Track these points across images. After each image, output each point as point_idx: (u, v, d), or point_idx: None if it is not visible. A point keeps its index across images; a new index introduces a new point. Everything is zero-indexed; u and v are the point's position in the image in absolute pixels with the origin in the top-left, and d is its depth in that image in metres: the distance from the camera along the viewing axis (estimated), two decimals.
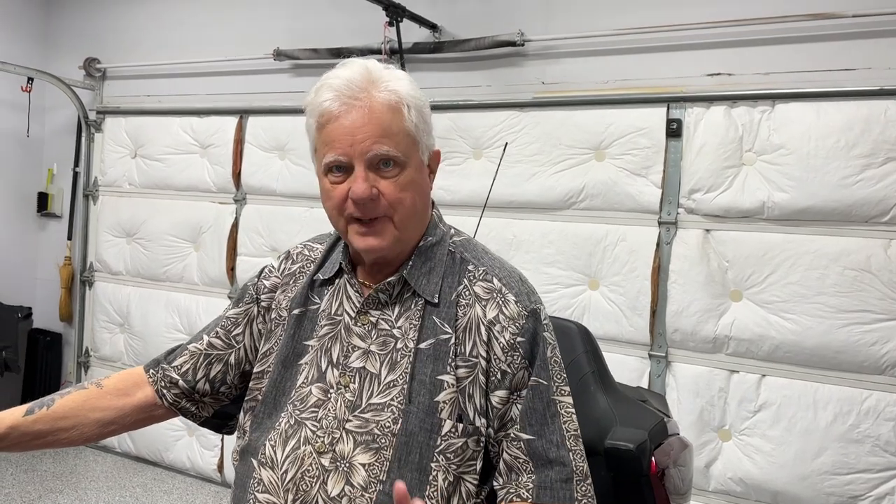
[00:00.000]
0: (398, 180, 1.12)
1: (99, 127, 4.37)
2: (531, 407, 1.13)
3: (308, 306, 1.24)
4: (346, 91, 1.11)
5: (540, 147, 3.07)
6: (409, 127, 1.13)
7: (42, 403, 1.24)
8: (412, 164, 1.14)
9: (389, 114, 1.11)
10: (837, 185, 2.54)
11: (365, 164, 1.10)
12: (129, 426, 1.31)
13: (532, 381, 1.14)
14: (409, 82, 1.16)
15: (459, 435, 1.11)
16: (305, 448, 1.13)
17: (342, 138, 1.10)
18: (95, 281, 4.40)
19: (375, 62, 1.16)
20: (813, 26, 2.64)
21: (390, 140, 1.10)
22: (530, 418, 1.13)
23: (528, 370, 1.14)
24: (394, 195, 1.12)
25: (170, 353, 1.34)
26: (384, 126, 1.10)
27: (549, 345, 1.17)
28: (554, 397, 1.15)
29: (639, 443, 1.33)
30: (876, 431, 2.47)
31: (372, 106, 1.10)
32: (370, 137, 1.09)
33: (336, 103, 1.11)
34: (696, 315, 2.76)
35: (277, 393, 1.20)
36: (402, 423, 1.10)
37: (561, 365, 1.19)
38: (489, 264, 1.21)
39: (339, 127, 1.10)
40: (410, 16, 3.20)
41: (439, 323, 1.16)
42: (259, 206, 3.82)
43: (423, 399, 1.12)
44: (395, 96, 1.12)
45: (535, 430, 1.13)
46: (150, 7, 4.26)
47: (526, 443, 1.12)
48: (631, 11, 2.96)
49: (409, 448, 1.10)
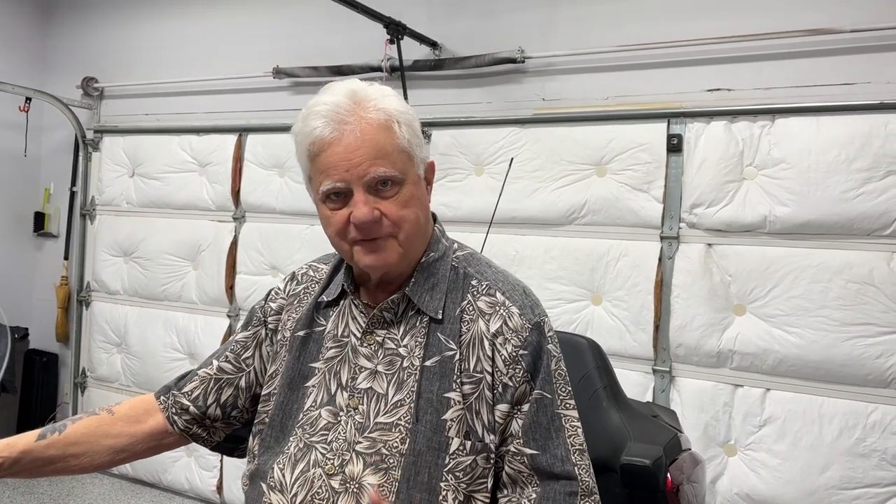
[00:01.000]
0: (398, 198, 1.11)
1: (96, 146, 4.36)
2: (535, 421, 1.12)
3: (313, 328, 1.23)
4: (335, 116, 1.09)
5: (541, 163, 3.08)
6: (402, 143, 1.11)
7: (54, 429, 1.23)
8: (410, 180, 1.13)
9: (382, 133, 1.09)
10: (839, 199, 2.55)
11: (363, 187, 1.09)
12: (140, 454, 1.30)
13: (535, 395, 1.13)
14: (396, 98, 1.14)
15: (468, 453, 1.10)
16: (315, 470, 1.11)
17: (338, 164, 1.08)
18: (92, 301, 4.37)
19: (358, 82, 1.15)
20: (812, 41, 2.66)
21: (386, 160, 1.09)
22: (534, 433, 1.12)
23: (531, 384, 1.13)
24: (396, 214, 1.11)
25: (180, 379, 1.33)
26: (378, 147, 1.08)
27: (553, 357, 1.16)
28: (559, 411, 1.14)
29: (654, 458, 1.32)
30: (883, 445, 2.46)
31: (363, 128, 1.08)
32: (366, 160, 1.08)
33: (327, 129, 1.09)
34: (700, 329, 2.75)
35: (284, 416, 1.19)
36: (410, 442, 1.09)
37: (566, 378, 1.17)
38: (493, 278, 1.20)
39: (332, 154, 1.08)
40: (411, 33, 3.21)
41: (444, 340, 1.14)
42: (258, 223, 3.80)
43: (430, 417, 1.10)
44: (385, 115, 1.10)
45: (539, 444, 1.11)
46: (148, 26, 4.27)
47: (530, 458, 1.11)
48: (630, 28, 2.98)
49: (417, 468, 1.08)
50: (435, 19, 3.38)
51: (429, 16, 3.38)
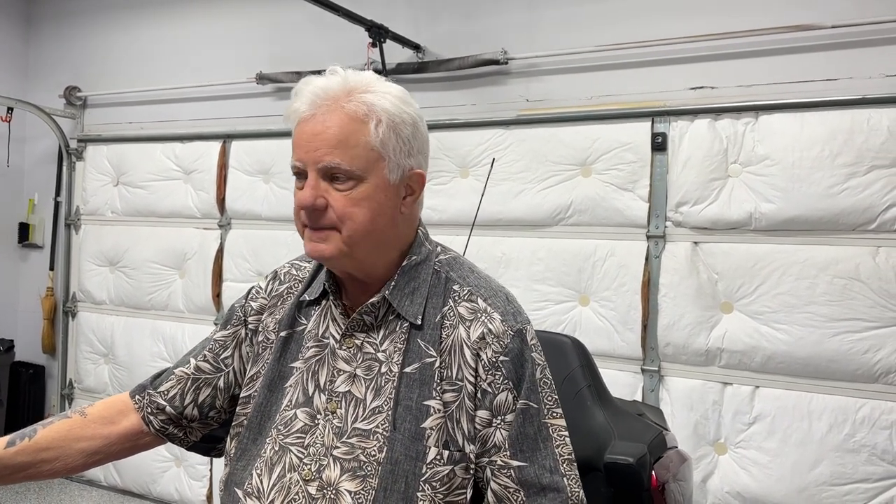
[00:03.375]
0: (351, 194, 1.08)
1: (80, 155, 4.33)
2: (521, 432, 1.09)
3: (295, 328, 1.21)
4: (318, 96, 1.09)
5: (526, 164, 3.07)
6: (372, 142, 1.07)
7: (24, 434, 1.20)
8: (371, 181, 1.08)
9: (351, 125, 1.07)
10: (823, 195, 2.55)
11: (318, 172, 1.08)
12: (114, 455, 1.26)
13: (521, 405, 1.10)
14: (395, 98, 1.11)
15: (445, 462, 1.07)
16: (291, 476, 1.09)
17: (301, 144, 1.09)
18: (78, 311, 4.33)
19: (368, 74, 1.13)
20: (793, 38, 2.67)
21: (344, 153, 1.06)
22: (521, 444, 1.09)
23: (513, 392, 1.10)
24: (343, 209, 1.07)
25: (155, 377, 1.31)
26: (341, 138, 1.06)
27: (537, 366, 1.13)
28: (545, 420, 1.11)
29: (638, 457, 1.30)
30: (872, 440, 2.46)
31: (336, 115, 1.07)
32: (322, 147, 1.06)
33: (304, 106, 1.09)
34: (688, 328, 2.74)
35: (262, 418, 1.17)
36: (388, 451, 1.07)
37: (552, 386, 1.14)
38: (475, 283, 1.18)
39: (301, 132, 1.09)
40: (393, 36, 3.20)
41: (424, 346, 1.12)
42: (244, 230, 3.78)
43: (408, 426, 1.08)
44: (364, 108, 1.08)
45: (526, 455, 1.09)
46: (130, 34, 4.24)
47: (516, 470, 1.08)
48: (612, 28, 2.97)
49: (394, 476, 1.06)
50: (417, 22, 3.37)
51: (411, 18, 3.37)
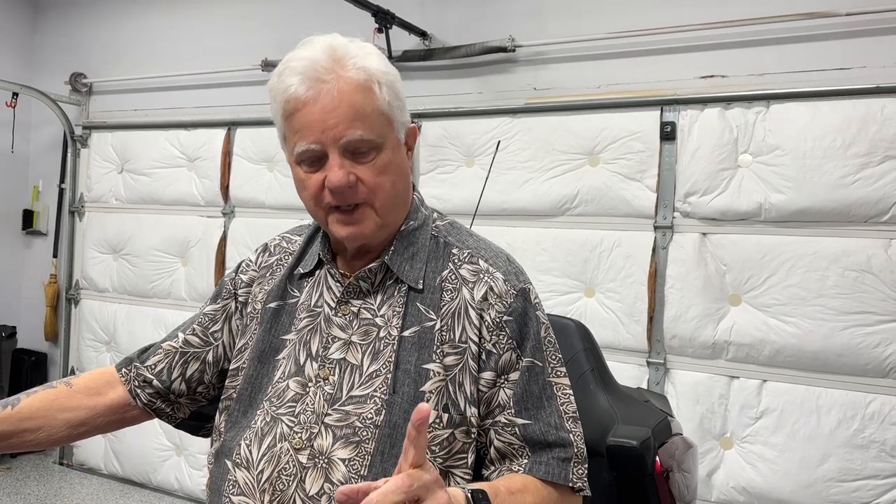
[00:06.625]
0: (376, 164, 1.05)
1: (85, 142, 4.31)
2: (526, 390, 1.08)
3: (286, 300, 1.18)
4: (312, 73, 1.03)
5: (533, 153, 3.03)
6: (382, 106, 1.05)
7: (6, 403, 1.16)
8: (389, 145, 1.07)
9: (360, 94, 1.03)
10: (835, 185, 2.50)
11: (339, 150, 1.03)
12: (100, 427, 1.23)
13: (526, 363, 1.08)
14: (378, 56, 1.09)
15: (445, 426, 1.04)
16: (282, 445, 1.06)
17: (313, 125, 1.03)
18: (81, 299, 4.31)
19: (338, 37, 1.08)
20: (806, 26, 2.62)
21: (364, 123, 1.03)
22: (526, 402, 1.07)
23: (517, 351, 1.08)
24: (373, 180, 1.05)
25: (143, 351, 1.28)
26: (356, 108, 1.02)
27: (542, 324, 1.12)
28: (550, 378, 1.10)
29: (642, 440, 1.26)
30: (882, 436, 2.41)
31: (341, 88, 1.02)
32: (342, 122, 1.02)
33: (302, 87, 1.03)
34: (695, 320, 2.70)
35: (253, 390, 1.14)
36: (386, 414, 1.04)
37: (556, 345, 1.14)
38: (474, 246, 1.16)
39: (308, 114, 1.03)
40: (400, 23, 3.16)
41: (423, 310, 1.10)
42: (248, 218, 3.75)
43: (407, 389, 1.05)
44: (365, 74, 1.04)
45: (531, 413, 1.07)
46: (136, 21, 4.22)
47: (521, 427, 1.07)
48: (622, 15, 2.93)
49: (392, 441, 1.03)
50: (424, 8, 3.33)
51: (418, 4, 3.33)
